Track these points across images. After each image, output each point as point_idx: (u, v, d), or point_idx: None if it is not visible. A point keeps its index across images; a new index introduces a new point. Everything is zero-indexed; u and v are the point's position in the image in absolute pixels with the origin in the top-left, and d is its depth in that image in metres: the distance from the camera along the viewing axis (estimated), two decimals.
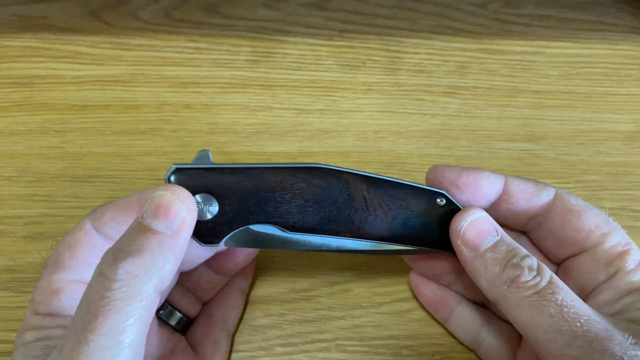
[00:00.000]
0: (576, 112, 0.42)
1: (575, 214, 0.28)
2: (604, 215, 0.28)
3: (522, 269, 0.25)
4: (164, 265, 0.23)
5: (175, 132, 0.39)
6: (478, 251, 0.26)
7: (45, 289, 0.26)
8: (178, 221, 0.23)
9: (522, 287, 0.24)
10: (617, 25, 0.46)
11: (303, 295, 0.34)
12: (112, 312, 0.21)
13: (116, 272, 0.21)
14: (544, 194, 0.29)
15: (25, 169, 0.37)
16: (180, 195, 0.24)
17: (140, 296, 0.22)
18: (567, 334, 0.23)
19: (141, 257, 0.22)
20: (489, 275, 0.26)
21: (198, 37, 0.43)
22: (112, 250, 0.23)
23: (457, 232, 0.27)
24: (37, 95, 0.40)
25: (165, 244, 0.23)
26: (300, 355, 0.33)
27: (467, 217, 0.27)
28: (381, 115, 0.41)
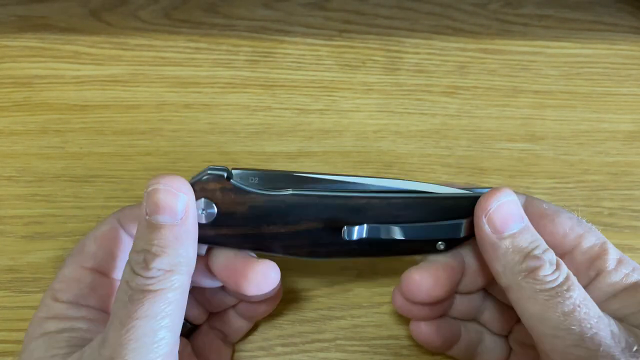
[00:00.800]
0: (576, 112, 0.42)
1: (548, 218, 0.28)
2: (576, 217, 0.28)
3: (544, 261, 0.24)
4: (187, 251, 0.24)
5: (175, 132, 0.39)
6: (502, 235, 0.25)
7: (67, 277, 0.27)
8: (181, 209, 0.24)
9: (540, 279, 0.24)
10: (617, 25, 0.46)
11: (303, 295, 0.34)
12: (156, 298, 0.22)
13: (150, 272, 0.23)
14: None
15: (25, 168, 0.37)
16: (174, 184, 0.24)
17: (177, 284, 0.23)
18: (576, 333, 0.23)
19: (167, 255, 0.23)
20: (507, 260, 0.25)
21: (198, 37, 0.43)
22: (137, 252, 0.24)
23: (485, 210, 0.26)
24: (37, 95, 0.40)
25: (179, 233, 0.24)
26: (300, 355, 0.33)
27: (500, 197, 0.26)
28: (381, 115, 0.41)
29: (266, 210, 0.27)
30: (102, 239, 0.28)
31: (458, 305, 0.31)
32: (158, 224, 0.24)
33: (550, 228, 0.28)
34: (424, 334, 0.31)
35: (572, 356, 0.23)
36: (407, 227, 0.27)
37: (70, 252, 0.28)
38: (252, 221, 0.27)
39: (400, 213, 0.27)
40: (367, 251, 0.28)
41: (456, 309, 0.31)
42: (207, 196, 0.26)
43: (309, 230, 0.27)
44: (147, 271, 0.23)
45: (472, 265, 0.30)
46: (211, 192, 0.26)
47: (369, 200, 0.27)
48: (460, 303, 0.31)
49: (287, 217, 0.27)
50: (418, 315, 0.30)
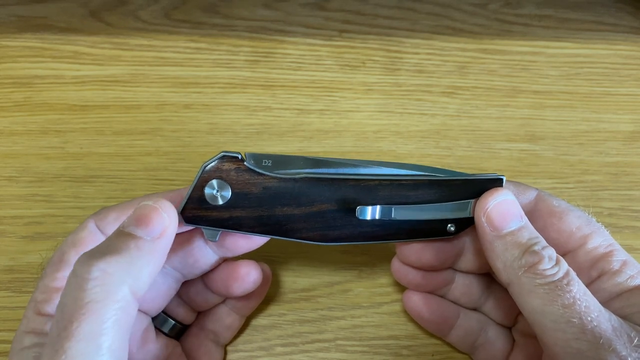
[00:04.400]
0: (576, 112, 0.42)
1: (556, 216, 0.28)
2: (586, 216, 0.28)
3: (543, 257, 0.25)
4: (141, 269, 0.22)
5: (175, 132, 0.39)
6: (500, 232, 0.26)
7: (47, 287, 0.26)
8: (158, 229, 0.23)
9: (539, 274, 0.24)
10: (616, 25, 0.46)
11: (303, 295, 0.35)
12: (87, 316, 0.20)
13: (90, 270, 0.21)
14: (524, 196, 0.29)
15: (26, 169, 0.37)
16: (163, 205, 0.24)
17: (115, 297, 0.21)
18: (577, 326, 0.23)
19: (118, 256, 0.22)
20: (507, 257, 0.26)
21: (198, 37, 0.43)
22: (88, 252, 0.23)
23: (484, 209, 0.27)
24: (37, 95, 0.40)
25: (144, 248, 0.23)
26: (300, 355, 0.33)
27: (497, 197, 0.27)
28: (381, 116, 0.41)
29: (279, 192, 0.27)
30: (81, 245, 0.26)
31: (457, 288, 0.32)
32: (128, 233, 0.23)
33: (557, 225, 0.28)
34: (415, 304, 0.32)
35: (573, 349, 0.23)
36: (417, 206, 0.28)
37: (50, 261, 0.27)
38: (265, 202, 0.27)
39: (411, 194, 0.28)
40: (378, 234, 0.28)
41: (456, 290, 0.32)
42: (221, 177, 0.26)
43: (322, 211, 0.28)
44: (87, 268, 0.21)
45: (471, 246, 0.30)
46: (225, 172, 0.26)
47: (380, 181, 0.28)
48: (459, 285, 0.32)
49: (300, 199, 0.27)
50: (413, 282, 0.31)
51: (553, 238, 0.28)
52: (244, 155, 0.27)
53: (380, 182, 0.28)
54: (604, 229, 0.28)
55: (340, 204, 0.27)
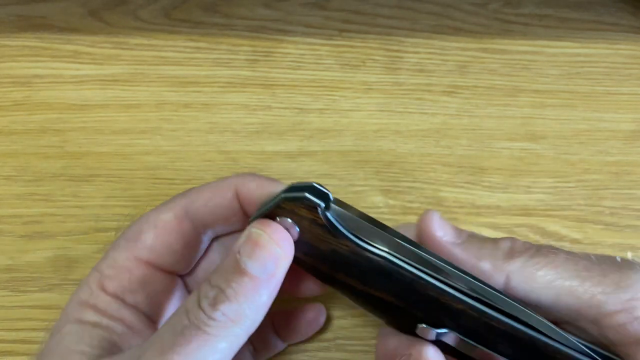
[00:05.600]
0: (577, 111, 0.42)
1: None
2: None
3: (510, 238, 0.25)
4: (258, 310, 0.22)
5: (174, 132, 0.39)
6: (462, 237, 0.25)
7: (119, 263, 0.25)
8: (272, 266, 0.22)
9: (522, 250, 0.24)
10: (617, 24, 0.46)
11: None
12: (205, 344, 0.20)
13: (215, 313, 0.21)
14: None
15: (24, 168, 0.37)
16: (278, 237, 0.23)
17: (233, 337, 0.21)
18: (594, 267, 0.23)
19: (238, 303, 0.21)
20: (486, 252, 0.24)
21: (198, 37, 0.43)
22: (211, 286, 0.22)
23: (435, 226, 0.25)
24: (36, 94, 0.40)
25: (260, 288, 0.22)
26: (300, 355, 0.33)
27: (434, 214, 0.25)
28: (381, 115, 0.41)
29: (349, 261, 0.24)
30: (163, 230, 0.25)
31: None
32: (245, 271, 0.22)
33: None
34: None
35: (610, 287, 0.22)
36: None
37: (124, 234, 0.25)
38: (330, 263, 0.24)
39: (497, 340, 0.23)
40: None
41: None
42: (293, 219, 0.23)
43: (385, 302, 0.24)
44: (212, 311, 0.21)
45: None
46: (299, 217, 0.23)
47: (466, 308, 0.23)
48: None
49: (367, 278, 0.24)
50: None
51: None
52: (329, 201, 0.24)
53: (465, 309, 0.23)
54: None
55: (409, 306, 0.24)
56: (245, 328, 0.22)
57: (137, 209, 0.36)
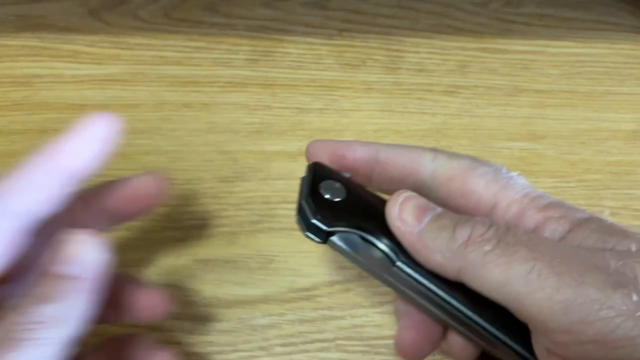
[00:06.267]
0: (577, 111, 0.42)
1: (457, 180, 0.24)
2: (493, 170, 0.25)
3: (474, 223, 0.22)
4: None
5: (174, 131, 0.39)
6: (422, 224, 0.22)
7: None
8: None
9: (481, 240, 0.21)
10: (618, 24, 0.46)
11: (303, 295, 0.34)
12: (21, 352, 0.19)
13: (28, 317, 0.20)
14: (419, 160, 0.25)
15: None
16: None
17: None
18: (550, 275, 0.19)
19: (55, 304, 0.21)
20: (441, 243, 0.22)
21: (197, 37, 0.43)
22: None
23: (393, 214, 0.23)
24: (36, 94, 0.40)
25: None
26: (300, 355, 0.33)
27: (399, 197, 0.23)
28: (381, 115, 0.41)
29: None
30: None
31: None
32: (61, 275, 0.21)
33: (461, 190, 0.24)
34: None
35: (560, 303, 0.19)
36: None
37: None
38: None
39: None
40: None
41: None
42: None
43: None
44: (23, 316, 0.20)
45: None
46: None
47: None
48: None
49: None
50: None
51: (462, 206, 0.24)
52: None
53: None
54: (516, 180, 0.24)
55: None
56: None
57: None
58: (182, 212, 0.36)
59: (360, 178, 0.26)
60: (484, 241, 0.21)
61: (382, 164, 0.26)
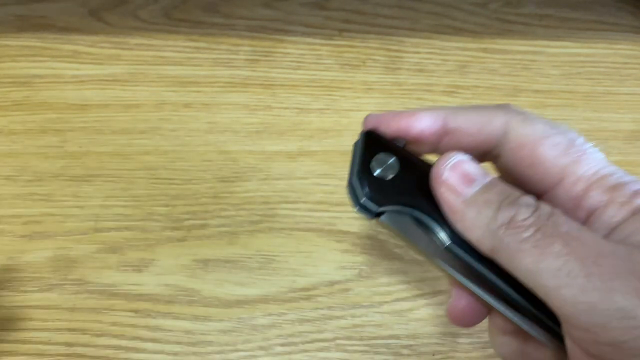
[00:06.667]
0: (577, 111, 0.42)
1: (527, 147, 0.23)
2: (567, 140, 0.23)
3: (519, 206, 0.21)
4: None
5: (174, 131, 0.39)
6: (467, 195, 0.22)
7: None
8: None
9: (520, 226, 0.20)
10: (617, 24, 0.46)
11: (303, 295, 0.34)
12: None
13: None
14: (490, 127, 0.24)
15: (24, 168, 0.37)
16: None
17: None
18: (579, 275, 0.19)
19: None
20: (482, 220, 0.21)
21: (197, 37, 0.43)
22: None
23: (440, 177, 0.22)
24: (37, 94, 0.40)
25: None
26: (300, 355, 0.33)
27: (449, 160, 0.23)
28: None
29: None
30: None
31: None
32: None
33: (530, 159, 0.23)
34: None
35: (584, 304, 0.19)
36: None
37: None
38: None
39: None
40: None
41: None
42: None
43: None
44: None
45: None
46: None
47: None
48: None
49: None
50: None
51: (527, 176, 0.24)
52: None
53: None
54: (592, 153, 0.23)
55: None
56: None
57: (137, 209, 0.36)
58: (182, 212, 0.36)
59: (425, 147, 0.25)
60: (524, 227, 0.20)
61: (451, 132, 0.25)
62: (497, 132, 0.24)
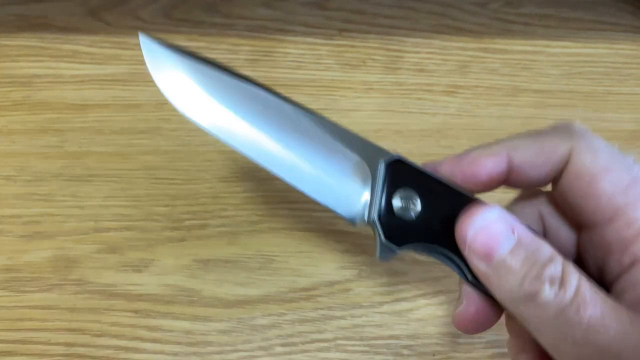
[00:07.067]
0: (577, 111, 0.42)
1: (586, 179, 0.22)
2: (631, 177, 0.22)
3: (543, 282, 0.20)
4: None
5: (174, 131, 0.39)
6: (491, 261, 0.21)
7: None
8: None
9: (542, 305, 0.20)
10: (617, 24, 0.46)
11: (303, 295, 0.34)
12: None
13: None
14: (555, 156, 0.23)
15: (24, 168, 0.37)
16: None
17: None
18: (598, 345, 0.19)
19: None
20: (505, 289, 0.21)
21: (198, 37, 0.43)
22: None
23: (464, 239, 0.22)
24: (36, 94, 0.40)
25: None
26: (300, 355, 0.33)
27: (476, 222, 0.22)
28: (381, 115, 0.41)
29: None
30: None
31: None
32: None
33: (585, 191, 0.22)
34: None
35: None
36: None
37: None
38: None
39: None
40: None
41: None
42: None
43: None
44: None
45: None
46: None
47: None
48: None
49: None
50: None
51: (581, 207, 0.23)
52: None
53: None
54: None
55: None
56: None
57: (137, 209, 0.36)
58: (182, 212, 0.36)
59: (492, 187, 0.25)
60: (546, 307, 0.20)
61: (517, 169, 0.24)
62: (562, 160, 0.23)
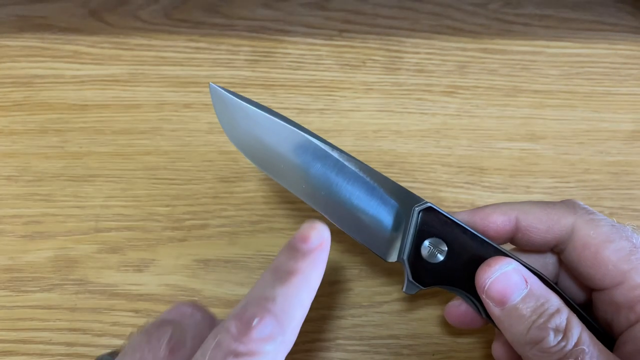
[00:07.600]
0: (576, 111, 0.42)
1: (591, 249, 0.26)
2: (629, 247, 0.25)
3: (548, 331, 0.23)
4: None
5: (175, 132, 0.39)
6: (504, 307, 0.25)
7: None
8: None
9: (545, 351, 0.23)
10: (617, 25, 0.46)
11: None
12: None
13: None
14: (559, 226, 0.27)
15: (25, 168, 0.37)
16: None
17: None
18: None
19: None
20: (514, 332, 0.24)
21: (198, 37, 0.43)
22: None
23: (482, 286, 0.25)
24: (37, 94, 0.40)
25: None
26: (301, 355, 0.33)
27: (494, 272, 0.25)
28: (381, 115, 0.41)
29: None
30: None
31: None
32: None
33: (591, 261, 0.26)
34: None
35: None
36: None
37: None
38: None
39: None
40: None
41: None
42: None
43: None
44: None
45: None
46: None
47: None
48: None
49: None
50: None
51: (588, 274, 0.26)
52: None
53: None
54: None
55: None
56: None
57: (137, 209, 0.36)
58: (182, 212, 0.36)
59: (501, 240, 0.28)
60: (549, 353, 0.23)
61: (523, 230, 0.28)
62: (565, 231, 0.27)
